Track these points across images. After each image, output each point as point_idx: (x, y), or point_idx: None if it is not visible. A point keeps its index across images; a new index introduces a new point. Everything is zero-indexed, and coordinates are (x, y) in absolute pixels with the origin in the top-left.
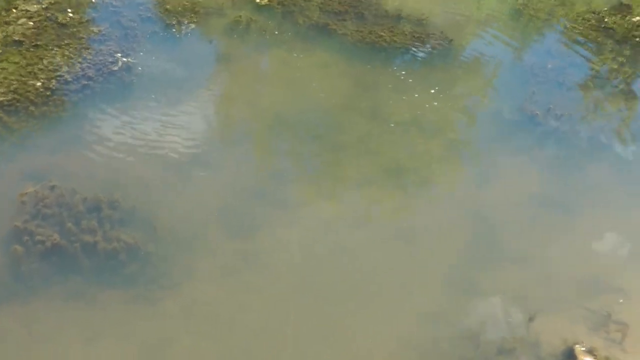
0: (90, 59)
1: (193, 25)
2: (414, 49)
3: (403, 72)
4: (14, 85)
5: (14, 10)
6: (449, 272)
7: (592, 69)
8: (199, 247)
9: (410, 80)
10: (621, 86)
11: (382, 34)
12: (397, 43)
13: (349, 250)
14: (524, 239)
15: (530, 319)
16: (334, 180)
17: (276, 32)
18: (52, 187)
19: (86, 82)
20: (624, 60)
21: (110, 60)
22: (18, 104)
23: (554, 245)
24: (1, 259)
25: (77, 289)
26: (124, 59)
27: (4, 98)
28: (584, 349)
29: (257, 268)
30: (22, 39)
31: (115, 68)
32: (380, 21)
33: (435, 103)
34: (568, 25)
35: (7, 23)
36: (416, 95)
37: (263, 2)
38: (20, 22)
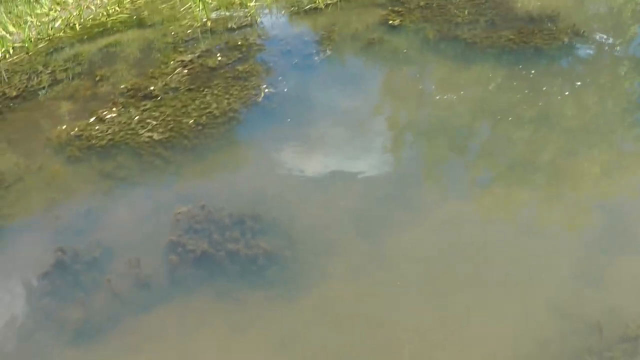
0: (235, 94)
1: (329, 52)
2: (544, 47)
3: (532, 71)
4: (171, 125)
5: (172, 62)
6: (577, 263)
7: None
8: (332, 250)
9: (538, 77)
10: None
11: (511, 37)
12: (525, 44)
13: (475, 246)
14: None
15: None
16: (461, 181)
17: (405, 50)
18: (202, 207)
19: (232, 115)
20: None
21: (253, 92)
22: (174, 140)
23: None
24: (160, 268)
25: (224, 289)
26: (266, 90)
27: (163, 136)
28: None
29: (385, 266)
30: (178, 85)
31: (259, 99)
32: (510, 24)
33: (567, 93)
34: None
35: (166, 74)
36: (544, 88)
37: (395, 22)
38: (176, 71)
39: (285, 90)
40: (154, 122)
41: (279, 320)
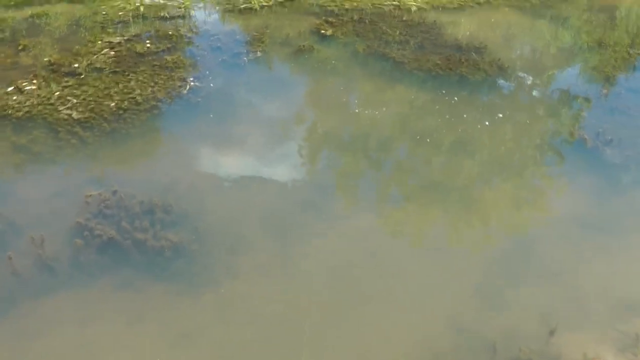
0: (161, 84)
1: (259, 54)
2: (468, 76)
3: (455, 98)
4: (91, 105)
5: (99, 42)
6: (479, 285)
7: None
8: (240, 249)
9: (460, 105)
10: None
11: (438, 62)
12: (451, 71)
13: (381, 259)
14: (560, 259)
15: (551, 333)
16: (375, 195)
17: (333, 62)
18: (114, 192)
19: (155, 103)
20: None
21: (179, 84)
22: (93, 121)
23: (590, 266)
24: (64, 250)
25: (127, 279)
26: (192, 83)
27: (82, 116)
28: None
29: (291, 270)
30: (103, 66)
31: (184, 91)
32: (438, 50)
33: (487, 123)
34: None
35: (92, 53)
36: (465, 116)
37: (328, 33)
38: (103, 52)
39: (212, 85)
40: (75, 100)
41: (179, 314)
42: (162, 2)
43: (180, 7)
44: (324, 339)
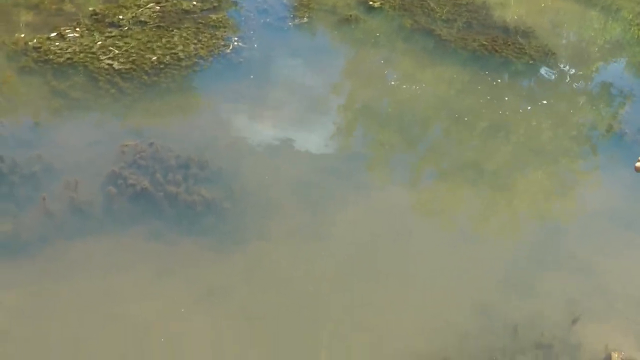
0: (204, 42)
1: (305, 19)
2: (513, 59)
3: (498, 80)
4: (133, 57)
5: None
6: (506, 270)
7: None
8: (272, 212)
9: (502, 87)
10: None
11: (484, 42)
12: (496, 52)
13: (411, 236)
14: (588, 250)
15: (574, 321)
16: (407, 171)
17: (378, 34)
18: (151, 144)
19: (197, 60)
20: None
21: (222, 43)
22: (134, 73)
23: (617, 260)
24: (97, 196)
25: (157, 231)
26: (236, 43)
27: (123, 67)
28: (622, 356)
29: (320, 238)
30: (147, 20)
31: (227, 50)
32: (485, 31)
33: (528, 108)
34: None
35: (137, 6)
36: (506, 99)
37: (376, 4)
38: (148, 6)
39: (255, 46)
40: (117, 51)
41: (206, 271)
42: None
43: None
44: (346, 314)
